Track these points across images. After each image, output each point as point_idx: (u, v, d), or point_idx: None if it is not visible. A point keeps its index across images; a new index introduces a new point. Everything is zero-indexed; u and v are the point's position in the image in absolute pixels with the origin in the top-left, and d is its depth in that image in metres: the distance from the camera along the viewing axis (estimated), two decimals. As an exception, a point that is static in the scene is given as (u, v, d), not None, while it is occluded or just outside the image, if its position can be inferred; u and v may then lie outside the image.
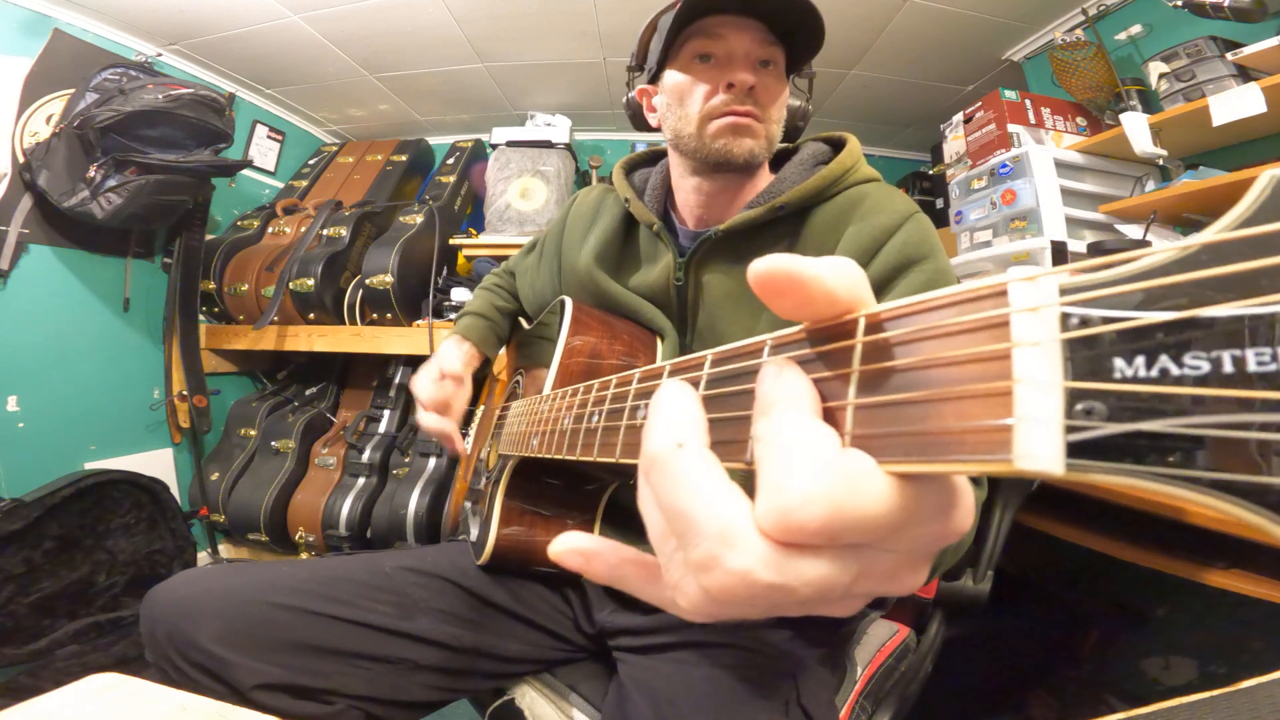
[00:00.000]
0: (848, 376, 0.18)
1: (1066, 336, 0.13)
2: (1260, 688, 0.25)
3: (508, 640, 0.65)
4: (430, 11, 1.66)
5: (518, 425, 0.56)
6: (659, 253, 0.68)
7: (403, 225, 1.84)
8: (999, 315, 0.15)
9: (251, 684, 0.53)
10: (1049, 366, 0.13)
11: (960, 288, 0.16)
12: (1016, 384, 0.14)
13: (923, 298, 0.17)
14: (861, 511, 0.16)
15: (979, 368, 0.15)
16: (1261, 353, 0.11)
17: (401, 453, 1.83)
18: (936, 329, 0.16)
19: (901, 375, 0.16)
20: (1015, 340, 0.14)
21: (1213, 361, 0.12)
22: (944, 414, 0.15)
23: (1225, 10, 1.15)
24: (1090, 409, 0.13)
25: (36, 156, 1.41)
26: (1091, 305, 0.13)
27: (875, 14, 1.60)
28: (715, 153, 0.61)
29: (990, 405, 0.14)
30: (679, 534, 0.19)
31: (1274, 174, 0.12)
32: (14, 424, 1.43)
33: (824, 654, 0.63)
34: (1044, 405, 0.13)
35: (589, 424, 0.34)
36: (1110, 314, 0.13)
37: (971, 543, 0.76)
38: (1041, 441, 0.13)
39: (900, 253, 0.58)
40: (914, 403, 0.16)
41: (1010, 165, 1.51)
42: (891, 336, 0.17)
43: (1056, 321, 0.14)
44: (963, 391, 0.15)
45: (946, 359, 0.15)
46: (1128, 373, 0.12)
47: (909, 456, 0.16)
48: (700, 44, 0.61)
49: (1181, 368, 0.12)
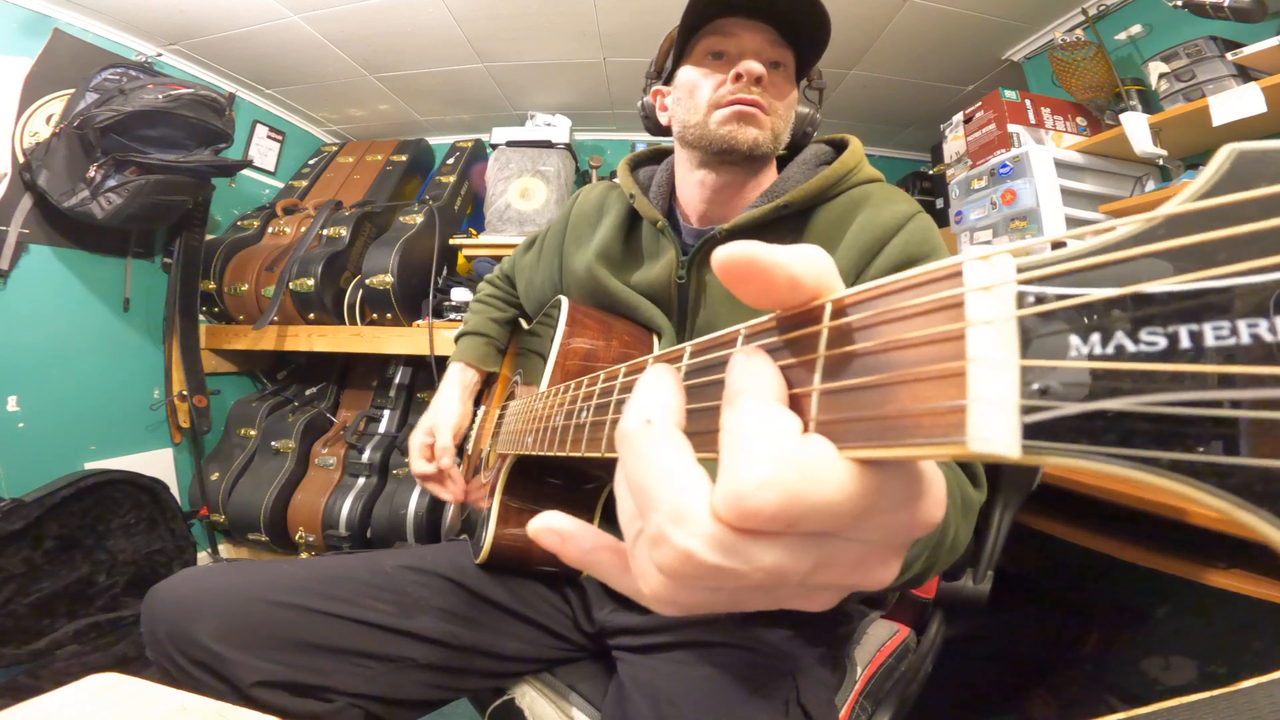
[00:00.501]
0: (813, 362, 0.18)
1: (1020, 314, 0.13)
2: (1260, 688, 0.25)
3: (507, 639, 0.65)
4: (430, 11, 1.66)
5: (514, 424, 0.56)
6: (662, 249, 0.69)
7: (403, 225, 1.84)
8: (954, 295, 0.14)
9: (251, 681, 0.53)
10: (1003, 345, 0.13)
11: (919, 269, 0.16)
12: (970, 364, 0.13)
13: (884, 281, 0.16)
14: (818, 498, 0.16)
15: (935, 349, 0.14)
16: (1219, 327, 0.11)
17: (401, 453, 1.83)
18: (896, 311, 0.16)
19: (864, 359, 0.16)
20: (969, 319, 0.14)
21: (1169, 337, 0.11)
22: (901, 397, 0.15)
23: (1225, 10, 1.15)
24: (1046, 388, 0.12)
25: (36, 156, 1.41)
26: (1048, 283, 0.13)
27: (875, 14, 1.60)
28: (719, 140, 0.62)
29: (945, 387, 0.14)
30: (640, 511, 0.19)
31: (1234, 147, 0.12)
32: (14, 424, 1.43)
33: (824, 654, 0.63)
34: (998, 385, 0.13)
35: (578, 420, 0.34)
36: (1066, 291, 0.13)
37: (971, 543, 0.77)
38: (996, 423, 0.13)
39: (902, 252, 0.58)
40: (874, 386, 0.16)
41: (1010, 165, 1.51)
42: (855, 321, 0.17)
43: (1012, 300, 0.13)
44: (919, 374, 0.15)
45: (905, 341, 0.15)
46: (1083, 350, 0.12)
47: (869, 442, 0.16)
48: (713, 42, 0.63)
49: (1138, 344, 0.12)
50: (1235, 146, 0.12)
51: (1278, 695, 0.25)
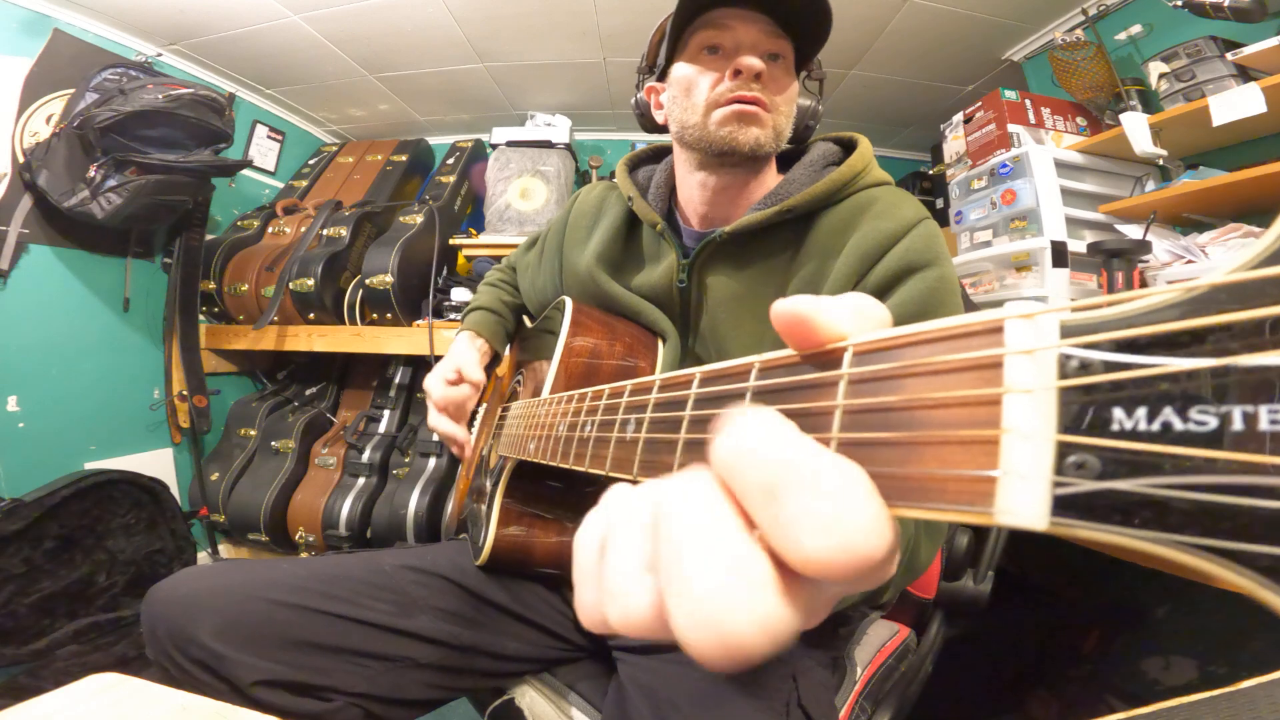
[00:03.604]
0: (832, 410, 0.17)
1: (1063, 385, 0.12)
2: (1260, 688, 0.25)
3: (506, 639, 0.65)
4: (430, 11, 1.66)
5: (516, 427, 0.56)
6: (662, 252, 0.67)
7: (403, 225, 1.84)
8: (992, 356, 0.13)
9: (250, 680, 0.53)
10: (1041, 417, 0.12)
11: (955, 320, 0.15)
12: (1005, 434, 0.13)
13: (916, 329, 0.16)
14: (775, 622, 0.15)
15: (967, 412, 0.14)
16: (1276, 410, 0.10)
17: (401, 453, 1.83)
18: (926, 366, 0.15)
19: (887, 413, 0.16)
20: (1007, 385, 0.13)
21: (1221, 417, 0.10)
22: (926, 458, 0.14)
23: (1225, 10, 1.15)
24: (1082, 463, 0.12)
25: (36, 156, 1.41)
26: (1094, 348, 0.12)
27: (875, 14, 1.60)
28: (720, 141, 0.59)
29: (975, 454, 0.13)
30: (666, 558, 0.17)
31: None
32: (14, 424, 1.43)
33: (824, 654, 0.63)
34: (1032, 459, 0.12)
35: (582, 433, 0.33)
36: (1113, 358, 0.12)
37: (971, 543, 0.77)
38: (1026, 498, 0.12)
39: (902, 259, 0.56)
40: (898, 444, 0.15)
41: (1010, 165, 1.51)
42: (879, 370, 0.16)
43: (1054, 366, 0.12)
44: (948, 437, 0.14)
45: (934, 400, 0.14)
46: (1127, 426, 0.11)
47: (888, 500, 0.15)
48: (708, 35, 0.60)
49: (1186, 423, 0.11)
50: None
51: (1278, 695, 0.25)
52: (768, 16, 0.59)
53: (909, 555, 0.44)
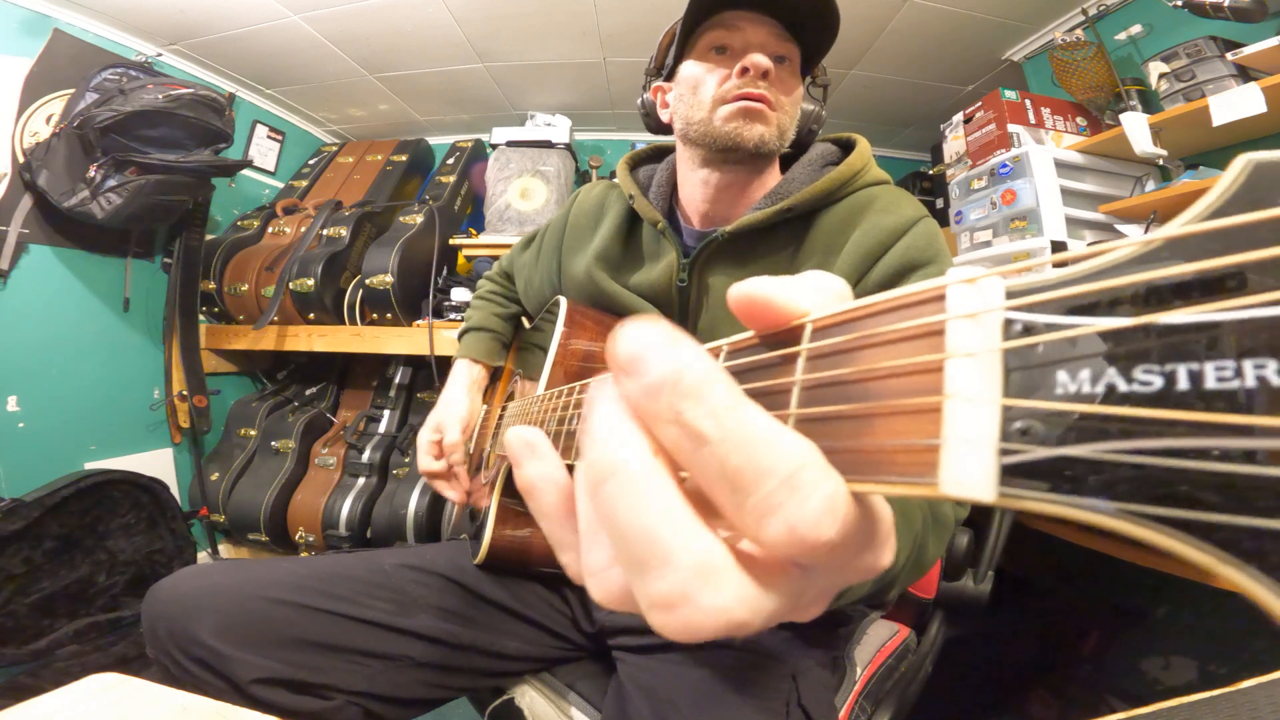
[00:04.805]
0: (790, 386, 0.17)
1: (1006, 347, 0.12)
2: (1260, 688, 0.25)
3: (506, 638, 0.65)
4: (430, 11, 1.66)
5: (512, 426, 0.56)
6: (662, 251, 0.67)
7: (403, 225, 1.84)
8: (935, 323, 0.13)
9: (250, 679, 0.53)
10: (985, 382, 0.12)
11: (904, 290, 0.15)
12: (947, 400, 0.12)
13: (867, 301, 0.16)
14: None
15: (912, 380, 0.14)
16: (1223, 367, 0.09)
17: (402, 453, 1.83)
18: (876, 336, 0.15)
19: (843, 387, 0.15)
20: (949, 350, 0.13)
21: (1166, 376, 0.10)
22: (877, 430, 0.14)
23: (1225, 10, 1.15)
24: (1028, 429, 0.11)
25: (36, 156, 1.41)
26: (1038, 310, 0.12)
27: (875, 14, 1.60)
28: (724, 137, 0.60)
29: (920, 422, 0.13)
30: (637, 560, 0.16)
31: (1250, 158, 0.10)
32: (14, 424, 1.43)
33: (824, 654, 0.63)
34: (976, 424, 0.12)
35: (569, 427, 0.33)
36: (1057, 320, 0.11)
37: (971, 543, 0.77)
38: (971, 465, 0.12)
39: (903, 257, 0.57)
40: (851, 417, 0.15)
41: (1010, 165, 1.51)
42: (835, 344, 0.16)
43: (998, 330, 0.12)
44: (895, 407, 0.14)
45: (883, 370, 0.14)
46: (1070, 388, 0.11)
47: (846, 475, 0.15)
48: (716, 35, 0.61)
49: (1130, 384, 0.10)
50: (1251, 158, 0.10)
51: (1278, 695, 0.25)
52: (776, 20, 0.60)
53: (917, 551, 0.44)
